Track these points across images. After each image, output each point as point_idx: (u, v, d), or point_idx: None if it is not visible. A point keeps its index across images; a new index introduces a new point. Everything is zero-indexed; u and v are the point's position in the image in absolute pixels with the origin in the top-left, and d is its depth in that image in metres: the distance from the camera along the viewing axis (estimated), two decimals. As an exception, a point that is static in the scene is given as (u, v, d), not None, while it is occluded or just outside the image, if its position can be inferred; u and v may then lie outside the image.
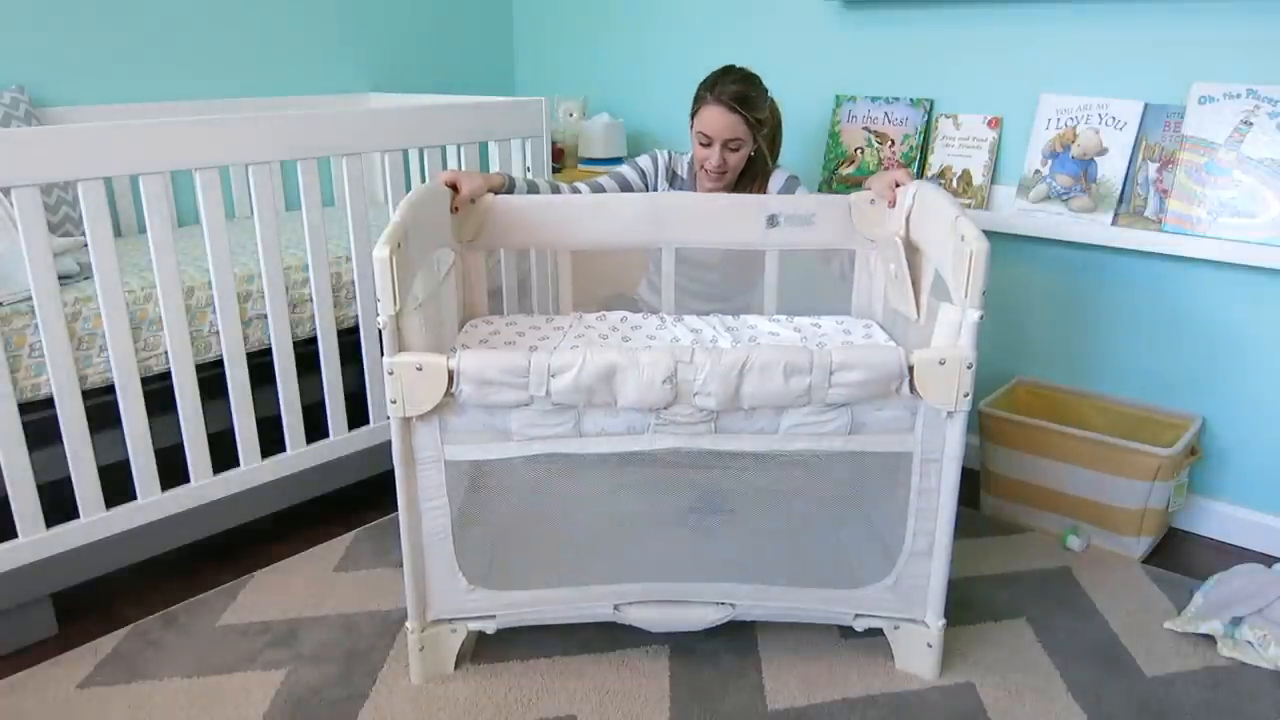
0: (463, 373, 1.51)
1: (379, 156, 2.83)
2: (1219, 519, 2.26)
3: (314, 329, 2.14)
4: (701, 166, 2.18)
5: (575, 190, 2.16)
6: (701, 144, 2.15)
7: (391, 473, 1.60)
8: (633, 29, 3.08)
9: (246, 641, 1.85)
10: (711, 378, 1.51)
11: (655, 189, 2.27)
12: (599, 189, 2.19)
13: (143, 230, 2.28)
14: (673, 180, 2.29)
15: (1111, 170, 2.21)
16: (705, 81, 2.16)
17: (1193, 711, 1.66)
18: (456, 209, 1.95)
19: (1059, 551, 2.17)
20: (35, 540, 1.78)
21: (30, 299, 1.73)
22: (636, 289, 2.40)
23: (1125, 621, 1.91)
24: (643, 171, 2.28)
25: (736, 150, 2.15)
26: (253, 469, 2.07)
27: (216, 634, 1.88)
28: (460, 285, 2.06)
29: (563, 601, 1.71)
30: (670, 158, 2.30)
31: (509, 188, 2.05)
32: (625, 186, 2.24)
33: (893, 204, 1.92)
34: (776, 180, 2.23)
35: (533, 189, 2.09)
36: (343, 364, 2.18)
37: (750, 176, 2.23)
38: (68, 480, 1.81)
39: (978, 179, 2.43)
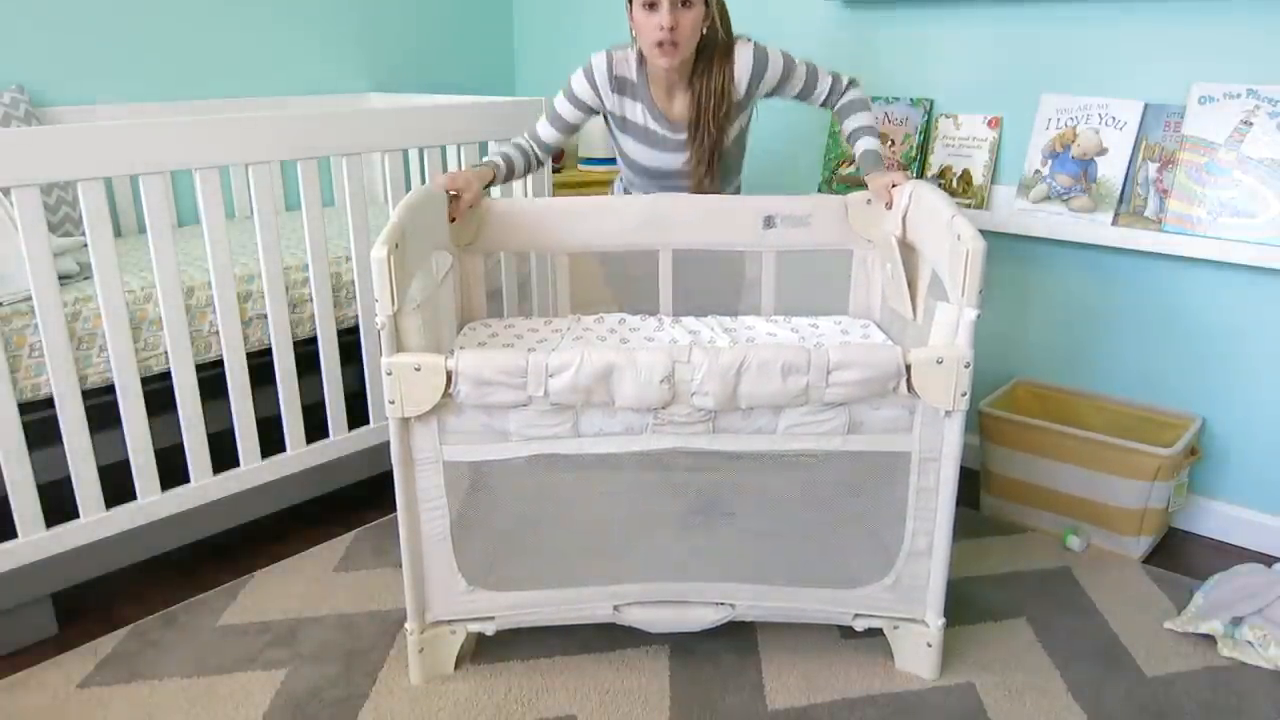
0: (461, 373, 1.51)
1: (379, 156, 2.83)
2: (1219, 519, 2.25)
3: (314, 329, 2.14)
4: (655, 44, 1.91)
5: (520, 147, 2.07)
6: (648, 6, 1.89)
7: (391, 473, 1.60)
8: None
9: (246, 641, 1.85)
10: (709, 377, 1.51)
11: (606, 109, 2.08)
12: (541, 144, 2.10)
13: (143, 230, 2.28)
14: (623, 88, 2.05)
15: (1111, 170, 2.21)
16: None
17: (1193, 711, 1.66)
18: (455, 218, 1.94)
19: (1059, 551, 2.17)
20: (35, 540, 1.78)
21: (30, 299, 1.73)
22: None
23: (1125, 621, 1.91)
24: (582, 103, 2.06)
25: (689, 7, 1.89)
26: (253, 469, 2.07)
27: (216, 634, 1.88)
28: (458, 288, 2.06)
29: (562, 602, 1.71)
30: (610, 61, 2.03)
31: (495, 174, 2.01)
32: (571, 128, 2.09)
33: (889, 204, 1.92)
34: (742, 54, 2.00)
35: (508, 161, 2.03)
36: (343, 364, 2.18)
37: (708, 55, 1.99)
38: (68, 480, 1.81)
39: (978, 179, 2.43)
